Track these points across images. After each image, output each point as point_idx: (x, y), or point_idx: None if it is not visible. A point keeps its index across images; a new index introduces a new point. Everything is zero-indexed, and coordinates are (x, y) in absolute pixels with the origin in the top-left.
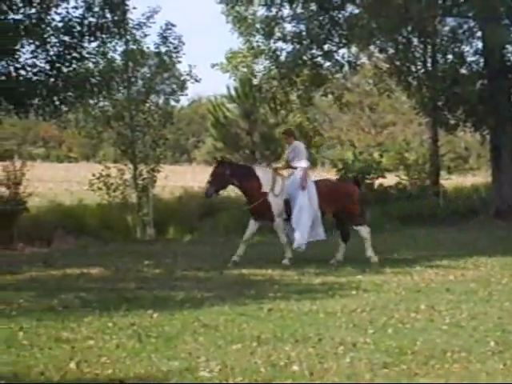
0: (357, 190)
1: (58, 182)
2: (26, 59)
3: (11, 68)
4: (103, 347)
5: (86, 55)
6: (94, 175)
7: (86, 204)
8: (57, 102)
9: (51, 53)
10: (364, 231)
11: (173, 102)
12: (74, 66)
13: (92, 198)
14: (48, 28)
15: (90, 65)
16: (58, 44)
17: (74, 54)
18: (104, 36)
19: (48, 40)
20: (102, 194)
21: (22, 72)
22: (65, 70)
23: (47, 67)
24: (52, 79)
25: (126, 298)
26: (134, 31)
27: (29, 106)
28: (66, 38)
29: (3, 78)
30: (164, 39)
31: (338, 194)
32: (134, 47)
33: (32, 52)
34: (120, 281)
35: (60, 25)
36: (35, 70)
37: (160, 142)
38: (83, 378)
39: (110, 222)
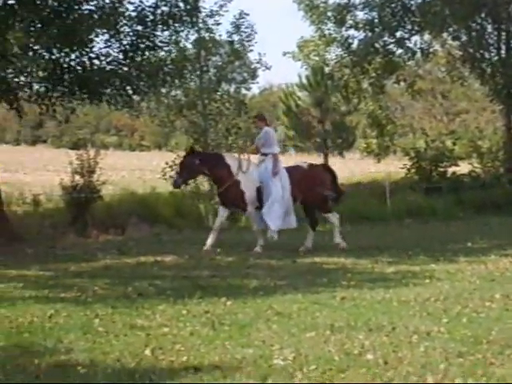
0: (328, 176)
1: (130, 170)
2: (100, 49)
3: (85, 58)
4: (178, 334)
5: (159, 44)
6: (166, 163)
7: (159, 192)
8: (130, 91)
9: (124, 42)
10: (333, 218)
11: (244, 91)
12: (146, 55)
13: (165, 187)
14: (121, 18)
15: (163, 53)
16: (131, 33)
17: (147, 43)
18: (176, 25)
19: (121, 30)
20: None
21: (96, 62)
22: (138, 59)
23: (120, 56)
24: (125, 68)
25: (200, 286)
26: (207, 19)
27: (102, 95)
28: (139, 28)
29: (78, 67)
30: (236, 28)
31: (309, 180)
32: (206, 36)
33: (105, 42)
34: (193, 268)
35: (133, 14)
36: (109, 60)
37: (232, 131)
38: (158, 364)
39: (183, 210)
